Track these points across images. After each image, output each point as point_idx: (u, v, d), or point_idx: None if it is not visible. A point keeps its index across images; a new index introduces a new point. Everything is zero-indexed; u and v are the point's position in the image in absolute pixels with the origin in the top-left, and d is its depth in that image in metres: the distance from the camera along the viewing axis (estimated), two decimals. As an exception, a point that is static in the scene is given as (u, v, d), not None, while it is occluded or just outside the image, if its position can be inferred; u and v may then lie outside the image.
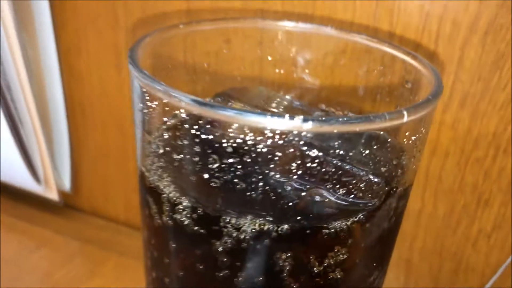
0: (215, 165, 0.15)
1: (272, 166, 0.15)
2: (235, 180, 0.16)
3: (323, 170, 0.16)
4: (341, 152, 0.16)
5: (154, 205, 0.18)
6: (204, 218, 0.16)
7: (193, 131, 0.15)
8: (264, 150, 0.15)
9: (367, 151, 0.17)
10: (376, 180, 0.16)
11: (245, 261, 0.16)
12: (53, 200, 0.46)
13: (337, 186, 0.16)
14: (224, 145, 0.15)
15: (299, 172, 0.16)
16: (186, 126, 0.16)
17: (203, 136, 0.15)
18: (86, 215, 0.50)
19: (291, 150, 0.15)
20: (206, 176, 0.16)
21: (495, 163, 0.32)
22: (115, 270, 0.42)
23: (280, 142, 0.14)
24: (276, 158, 0.15)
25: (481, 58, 0.31)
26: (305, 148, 0.15)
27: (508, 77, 0.30)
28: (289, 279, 0.17)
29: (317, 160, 0.15)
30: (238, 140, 0.15)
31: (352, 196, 0.16)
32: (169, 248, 0.18)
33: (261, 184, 0.16)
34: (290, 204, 0.16)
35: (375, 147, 0.17)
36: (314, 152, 0.15)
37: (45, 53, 0.42)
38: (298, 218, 0.16)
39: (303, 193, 0.16)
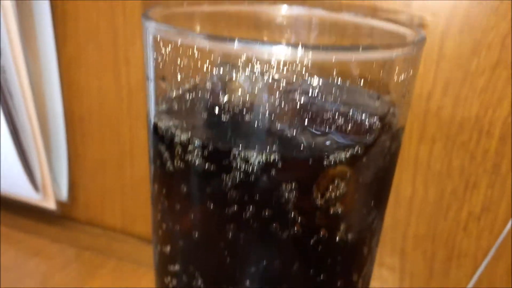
0: (225, 100, 0.17)
1: (277, 100, 0.17)
2: (243, 114, 0.17)
3: (323, 107, 0.17)
4: (338, 93, 0.18)
5: (167, 152, 0.19)
6: (214, 155, 0.17)
7: (204, 69, 0.17)
8: (270, 81, 0.17)
9: (360, 93, 0.18)
10: (370, 118, 0.18)
11: (253, 194, 0.18)
12: (50, 209, 0.47)
13: (335, 124, 0.17)
14: (233, 79, 0.17)
15: (301, 108, 0.17)
16: (198, 65, 0.17)
17: (214, 73, 0.17)
18: (83, 224, 0.50)
19: (294, 87, 0.17)
20: (216, 111, 0.17)
21: (479, 146, 0.34)
22: (113, 273, 0.42)
23: (284, 74, 0.16)
24: (280, 92, 0.17)
25: (460, 47, 0.33)
26: (306, 86, 0.17)
27: (485, 63, 0.33)
28: (294, 211, 0.18)
29: (316, 98, 0.17)
30: (246, 73, 0.16)
31: (348, 132, 0.17)
32: (181, 192, 0.19)
33: (267, 116, 0.17)
34: (294, 138, 0.17)
35: (367, 90, 0.19)
36: (314, 90, 0.17)
37: (46, 66, 0.44)
38: (301, 149, 0.17)
39: (305, 129, 0.17)
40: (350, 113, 0.17)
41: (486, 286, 0.37)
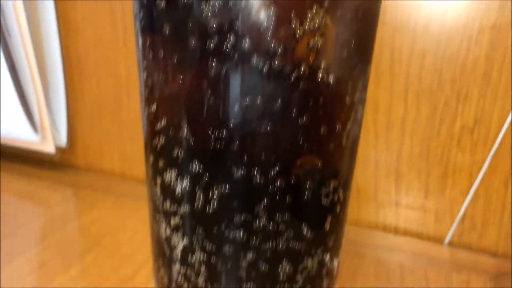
0: None
1: None
2: None
3: None
4: None
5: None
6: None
7: None
8: None
9: None
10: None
11: (233, 23, 0.18)
12: (50, 152, 0.47)
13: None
14: None
15: None
16: None
17: None
18: (82, 170, 0.51)
19: None
20: None
21: (469, 55, 0.34)
22: (112, 205, 0.43)
23: None
24: None
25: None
26: None
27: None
28: (274, 41, 0.18)
29: None
30: None
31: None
32: (164, 37, 0.20)
33: None
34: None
35: None
36: None
37: (43, 5, 0.45)
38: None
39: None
40: None
41: (483, 200, 0.37)
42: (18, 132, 0.46)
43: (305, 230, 0.23)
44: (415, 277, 0.34)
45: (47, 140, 0.46)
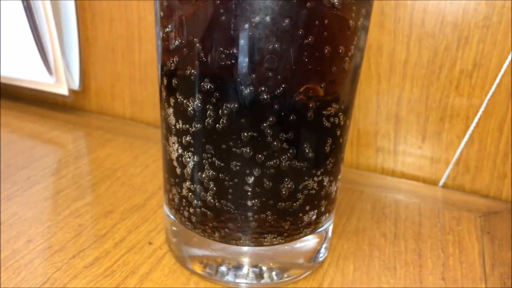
0: None
1: None
2: None
3: None
4: None
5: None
6: None
7: None
8: None
9: None
10: None
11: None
12: (63, 95, 0.49)
13: None
14: None
15: None
16: None
17: None
18: (94, 113, 0.53)
19: None
20: None
21: (471, -1, 0.35)
22: (123, 145, 0.45)
23: None
24: None
25: None
26: None
27: None
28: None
29: None
30: None
31: None
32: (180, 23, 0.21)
33: None
34: None
35: None
36: None
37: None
38: None
39: None
40: None
41: (478, 144, 0.38)
42: (35, 74, 0.48)
43: (306, 149, 0.25)
44: (409, 211, 0.36)
45: (61, 82, 0.48)
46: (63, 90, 0.48)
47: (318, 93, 0.24)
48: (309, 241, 0.28)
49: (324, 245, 0.30)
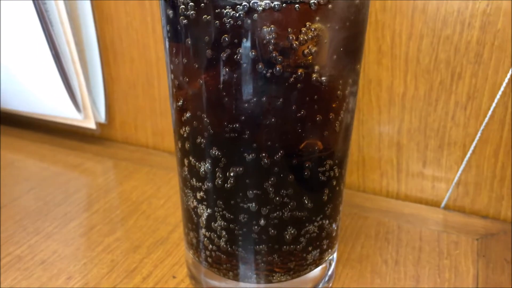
0: None
1: None
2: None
3: None
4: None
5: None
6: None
7: None
8: None
9: None
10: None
11: (242, 37, 0.23)
12: (91, 128, 0.53)
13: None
14: None
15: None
16: None
17: None
18: (119, 143, 0.57)
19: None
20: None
21: (462, 38, 0.38)
22: (147, 176, 0.49)
23: None
24: None
25: None
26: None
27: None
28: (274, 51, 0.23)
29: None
30: None
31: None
32: (187, 47, 0.24)
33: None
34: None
35: None
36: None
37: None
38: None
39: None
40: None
41: (475, 169, 0.41)
42: (64, 111, 0.52)
43: (306, 201, 0.28)
44: (410, 236, 0.39)
45: (89, 117, 0.52)
46: (91, 125, 0.53)
47: (313, 155, 0.27)
48: (314, 272, 0.32)
49: (328, 273, 0.33)
